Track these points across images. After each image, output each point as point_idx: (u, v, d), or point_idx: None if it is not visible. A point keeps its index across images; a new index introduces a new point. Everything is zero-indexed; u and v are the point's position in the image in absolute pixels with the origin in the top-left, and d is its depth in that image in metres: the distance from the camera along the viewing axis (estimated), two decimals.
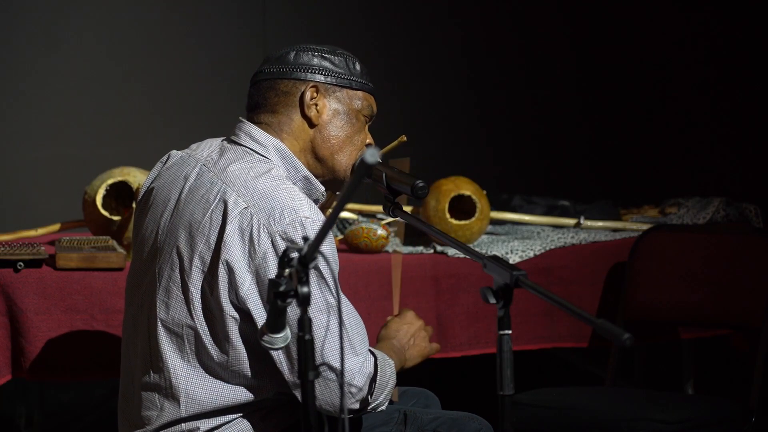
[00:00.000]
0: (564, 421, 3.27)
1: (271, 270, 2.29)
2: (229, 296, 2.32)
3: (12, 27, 4.92)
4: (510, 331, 2.07)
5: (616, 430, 3.17)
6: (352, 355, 2.36)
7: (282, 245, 2.29)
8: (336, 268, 2.33)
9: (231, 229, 2.32)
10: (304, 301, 1.94)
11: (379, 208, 3.80)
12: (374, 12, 5.55)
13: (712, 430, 3.23)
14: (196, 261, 2.35)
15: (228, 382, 2.37)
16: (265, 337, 2.10)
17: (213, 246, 2.33)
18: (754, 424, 3.32)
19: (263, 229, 2.31)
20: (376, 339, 2.72)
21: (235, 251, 2.31)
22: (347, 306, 2.40)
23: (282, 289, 1.96)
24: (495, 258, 2.13)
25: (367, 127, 2.56)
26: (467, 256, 2.31)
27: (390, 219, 3.47)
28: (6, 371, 3.16)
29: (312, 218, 2.32)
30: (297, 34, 5.30)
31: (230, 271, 2.31)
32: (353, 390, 2.36)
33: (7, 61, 4.93)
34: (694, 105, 5.42)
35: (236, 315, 2.33)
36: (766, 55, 5.12)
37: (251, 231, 2.31)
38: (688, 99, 5.44)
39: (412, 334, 2.69)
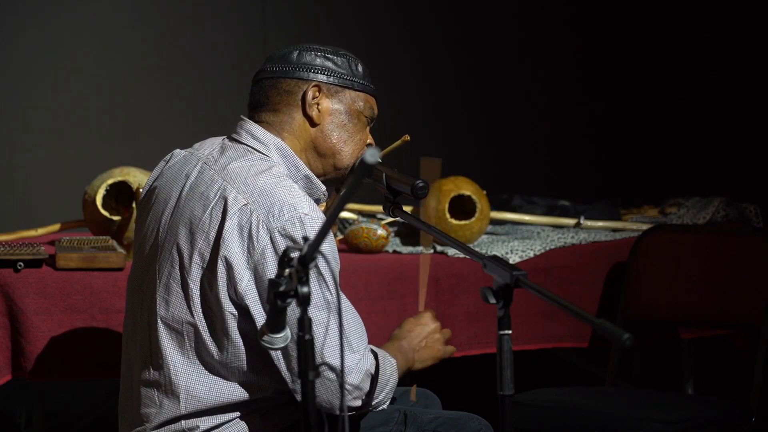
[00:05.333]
0: (564, 421, 3.27)
1: (270, 266, 2.30)
2: (228, 292, 2.33)
3: (12, 27, 4.93)
4: (510, 331, 2.07)
5: (616, 430, 3.17)
6: (349, 352, 2.37)
7: (281, 241, 2.29)
8: (336, 266, 2.33)
9: (230, 225, 2.32)
10: (304, 301, 1.94)
11: (379, 208, 3.80)
12: (374, 12, 5.55)
13: (712, 430, 3.23)
14: (196, 257, 2.35)
15: (227, 380, 2.37)
16: (265, 337, 2.10)
17: (212, 242, 2.34)
18: (754, 424, 3.32)
19: (262, 226, 2.31)
20: (389, 338, 2.71)
21: (233, 247, 2.31)
22: (345, 304, 2.40)
23: (282, 289, 1.97)
24: (495, 258, 2.13)
25: (368, 128, 2.56)
26: (467, 256, 2.31)
27: (390, 219, 3.47)
28: (6, 371, 3.16)
29: (311, 215, 2.32)
30: (297, 34, 5.30)
31: (229, 267, 2.31)
32: (349, 387, 2.36)
33: (7, 61, 4.93)
34: (694, 105, 5.42)
35: (235, 311, 2.33)
36: (766, 56, 5.13)
37: (250, 227, 2.32)
38: (689, 99, 5.44)
39: (424, 336, 2.66)
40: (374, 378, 2.41)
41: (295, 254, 1.94)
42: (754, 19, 5.17)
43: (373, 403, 2.43)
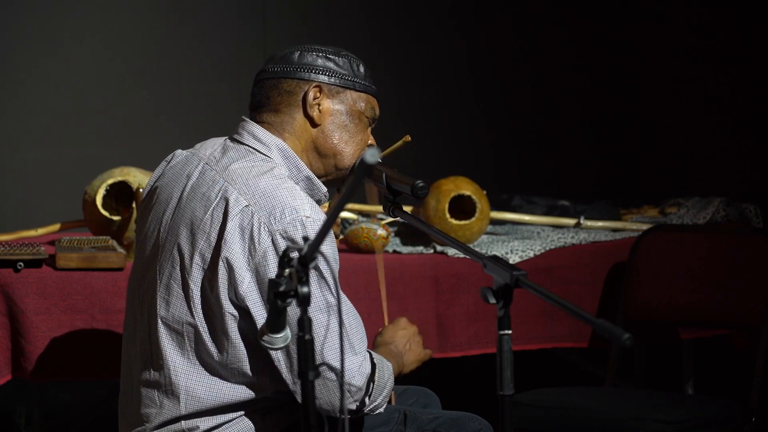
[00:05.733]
0: (564, 421, 3.27)
1: (271, 268, 2.30)
2: (229, 294, 2.32)
3: (12, 27, 4.93)
4: (510, 331, 2.07)
5: (616, 430, 3.17)
6: (351, 354, 2.37)
7: (282, 244, 2.29)
8: (336, 267, 2.33)
9: (231, 226, 2.32)
10: (304, 301, 1.94)
11: (379, 208, 3.80)
12: (374, 13, 5.55)
13: (712, 430, 3.23)
14: (197, 258, 2.35)
15: (228, 380, 2.37)
16: (265, 337, 2.10)
17: (213, 243, 2.34)
18: (754, 424, 3.32)
19: (264, 228, 2.31)
20: (372, 345, 2.73)
21: (235, 249, 2.31)
22: (347, 305, 2.40)
23: (282, 289, 1.97)
24: (495, 258, 2.13)
25: (369, 129, 2.56)
26: (467, 256, 2.31)
27: (390, 219, 3.47)
28: (6, 371, 3.16)
29: (313, 217, 2.32)
30: (297, 34, 5.30)
31: (230, 269, 2.31)
32: (352, 389, 2.37)
33: (7, 61, 4.93)
34: (694, 105, 5.42)
35: (235, 312, 2.33)
36: (766, 56, 5.13)
37: (252, 229, 2.32)
38: (688, 99, 5.44)
39: (408, 339, 2.72)
40: (373, 380, 2.42)
41: (294, 254, 1.94)
42: (755, 20, 5.17)
43: (372, 406, 2.43)
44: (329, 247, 2.32)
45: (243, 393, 2.38)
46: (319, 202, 2.49)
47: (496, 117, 5.75)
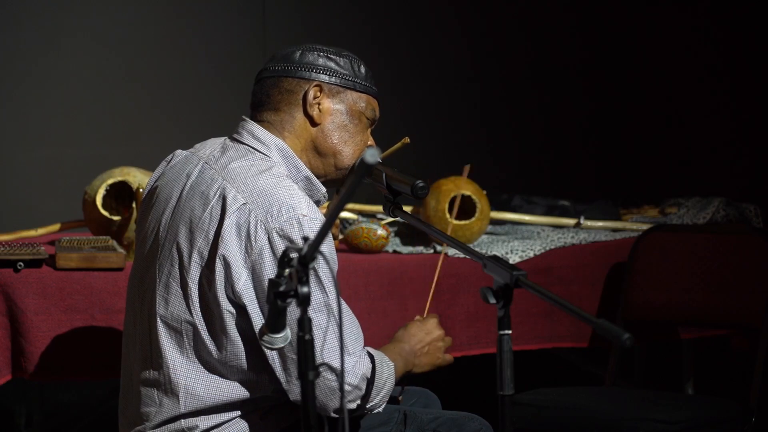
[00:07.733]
0: (564, 421, 3.27)
1: (267, 266, 2.30)
2: (226, 291, 2.33)
3: (12, 27, 4.93)
4: (510, 331, 2.07)
5: (616, 430, 3.17)
6: (345, 354, 2.36)
7: (279, 242, 2.29)
8: (335, 267, 2.33)
9: (228, 224, 2.32)
10: (304, 301, 1.94)
11: (379, 208, 3.80)
12: (374, 12, 5.55)
13: (712, 430, 3.23)
14: (195, 256, 2.35)
15: (227, 378, 2.38)
16: (265, 337, 2.10)
17: (211, 241, 2.34)
18: (754, 424, 3.32)
19: (260, 226, 2.31)
20: (391, 336, 2.70)
21: (232, 246, 2.31)
22: (342, 306, 2.40)
23: (282, 289, 1.97)
24: (495, 258, 2.13)
25: (369, 130, 2.56)
26: (467, 256, 2.31)
27: (390, 219, 3.47)
28: (6, 371, 3.16)
29: (309, 216, 2.32)
30: (297, 34, 5.30)
31: (227, 266, 2.31)
32: (347, 389, 2.36)
33: (7, 61, 4.93)
34: (694, 105, 5.42)
35: (233, 310, 2.33)
36: (766, 56, 5.13)
37: (248, 227, 2.32)
38: (689, 99, 5.45)
39: (427, 342, 2.66)
40: (370, 381, 2.41)
41: (294, 254, 1.94)
42: (754, 19, 5.17)
43: (368, 406, 2.43)
44: (327, 247, 2.32)
45: (242, 391, 2.38)
46: (318, 202, 2.49)
47: (496, 117, 5.75)
